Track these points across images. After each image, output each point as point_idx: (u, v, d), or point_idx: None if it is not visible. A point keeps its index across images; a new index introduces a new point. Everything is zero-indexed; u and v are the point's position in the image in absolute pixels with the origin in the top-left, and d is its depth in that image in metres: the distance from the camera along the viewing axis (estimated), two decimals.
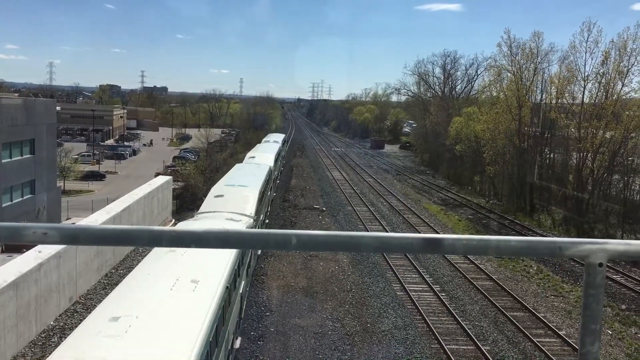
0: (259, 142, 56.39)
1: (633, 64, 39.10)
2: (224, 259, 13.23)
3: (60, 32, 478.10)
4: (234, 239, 1.48)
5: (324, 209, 40.13)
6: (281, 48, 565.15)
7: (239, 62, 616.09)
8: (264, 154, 39.04)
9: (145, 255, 13.58)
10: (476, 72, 78.44)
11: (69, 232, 1.45)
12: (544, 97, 47.83)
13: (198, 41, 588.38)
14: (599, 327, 1.54)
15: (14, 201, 36.83)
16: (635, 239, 2.11)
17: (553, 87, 45.52)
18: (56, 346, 15.40)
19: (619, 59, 39.43)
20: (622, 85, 39.90)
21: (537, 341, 18.58)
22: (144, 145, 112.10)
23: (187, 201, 44.01)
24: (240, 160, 40.18)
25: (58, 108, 47.72)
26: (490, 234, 1.95)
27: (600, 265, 1.52)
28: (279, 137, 61.05)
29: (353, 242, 1.50)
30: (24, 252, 17.65)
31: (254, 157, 37.58)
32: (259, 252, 23.38)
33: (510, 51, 48.00)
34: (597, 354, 1.54)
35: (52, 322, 16.76)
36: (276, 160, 41.66)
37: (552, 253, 1.55)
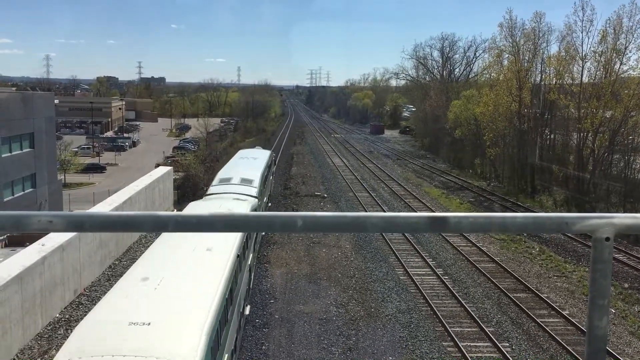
0: (257, 141, 45.47)
1: (630, 42, 38.89)
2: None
3: (54, 25, 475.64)
4: (240, 222, 1.47)
5: (326, 195, 40.14)
6: (278, 35, 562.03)
7: (236, 50, 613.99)
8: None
9: (148, 246, 13.59)
10: (474, 54, 78.08)
11: (74, 219, 1.44)
12: (543, 77, 47.62)
13: (193, 30, 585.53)
14: (606, 302, 1.54)
15: (15, 195, 36.90)
16: None
17: (552, 68, 45.31)
18: (63, 338, 15.49)
19: (616, 37, 39.20)
20: (620, 64, 39.73)
21: (541, 321, 18.66)
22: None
23: (189, 191, 43.88)
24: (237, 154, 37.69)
25: (56, 101, 47.53)
26: None
27: (608, 239, 1.51)
28: (258, 162, 30.22)
29: (359, 222, 1.48)
30: (27, 245, 17.68)
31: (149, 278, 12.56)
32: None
33: (511, 32, 47.68)
34: (606, 328, 1.54)
35: (57, 315, 16.84)
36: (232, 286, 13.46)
37: (559, 229, 1.53)
